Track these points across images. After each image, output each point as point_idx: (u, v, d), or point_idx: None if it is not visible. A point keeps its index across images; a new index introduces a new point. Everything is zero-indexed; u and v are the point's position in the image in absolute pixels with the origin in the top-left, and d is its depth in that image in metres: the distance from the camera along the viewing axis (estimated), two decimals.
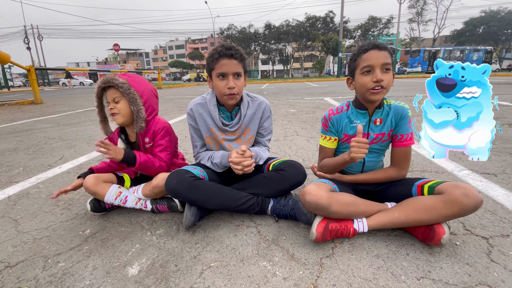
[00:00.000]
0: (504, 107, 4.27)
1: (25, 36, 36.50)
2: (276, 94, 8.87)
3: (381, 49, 1.06)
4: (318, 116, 4.15)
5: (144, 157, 1.29)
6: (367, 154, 1.24)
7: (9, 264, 1.03)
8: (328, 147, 1.26)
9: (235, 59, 1.20)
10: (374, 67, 1.05)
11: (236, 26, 38.90)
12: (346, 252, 1.02)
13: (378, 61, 1.05)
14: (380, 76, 1.04)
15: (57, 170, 2.09)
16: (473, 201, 0.92)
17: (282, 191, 1.30)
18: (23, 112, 6.16)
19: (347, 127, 1.22)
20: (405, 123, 1.16)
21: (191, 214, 1.18)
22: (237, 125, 1.35)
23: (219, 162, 1.30)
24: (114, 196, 1.30)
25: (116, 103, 1.27)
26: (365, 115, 1.19)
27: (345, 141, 1.24)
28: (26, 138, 3.30)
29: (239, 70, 1.22)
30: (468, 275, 0.88)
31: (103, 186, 1.30)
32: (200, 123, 1.35)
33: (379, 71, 1.05)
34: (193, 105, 1.35)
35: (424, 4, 27.00)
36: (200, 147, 1.42)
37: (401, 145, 1.17)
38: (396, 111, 1.17)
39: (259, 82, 21.94)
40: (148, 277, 0.93)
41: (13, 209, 1.48)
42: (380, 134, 1.19)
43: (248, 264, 0.98)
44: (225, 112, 1.35)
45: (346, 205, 1.06)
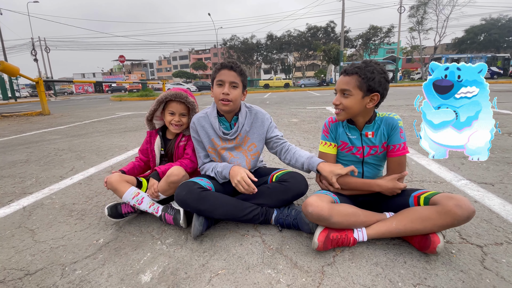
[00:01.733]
0: (505, 115, 4.31)
1: (32, 48, 37.47)
2: (278, 103, 8.99)
3: (347, 75, 1.17)
4: (320, 125, 4.23)
5: (164, 167, 1.48)
6: (365, 167, 1.31)
7: (28, 272, 1.10)
8: (329, 153, 1.33)
9: (234, 71, 1.34)
10: (337, 90, 1.21)
11: (238, 37, 39.67)
12: (347, 260, 1.07)
13: (338, 86, 1.20)
14: (334, 99, 1.20)
15: (69, 181, 2.17)
16: (465, 212, 0.98)
17: (285, 201, 1.36)
18: (32, 123, 6.32)
19: (343, 135, 1.30)
20: (396, 133, 1.22)
21: (199, 224, 1.25)
22: (236, 133, 1.44)
23: (220, 172, 1.39)
24: (132, 196, 1.40)
25: (182, 117, 1.53)
26: (355, 129, 1.27)
27: (343, 149, 1.31)
28: (36, 150, 3.41)
29: (236, 80, 1.34)
30: (462, 281, 0.93)
31: (125, 184, 1.42)
32: (202, 135, 1.45)
33: (339, 95, 1.20)
34: (195, 119, 1.47)
35: (424, 13, 27.37)
36: (204, 157, 1.51)
37: (395, 155, 1.23)
38: (387, 122, 1.24)
39: (261, 91, 22.18)
40: (160, 284, 0.99)
41: (29, 219, 1.56)
42: (375, 146, 1.26)
43: (253, 272, 1.04)
44: (225, 122, 1.46)
45: (346, 215, 1.12)
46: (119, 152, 3.07)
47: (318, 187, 1.36)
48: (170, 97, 1.50)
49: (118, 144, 3.54)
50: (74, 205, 1.71)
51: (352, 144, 1.28)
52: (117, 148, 3.28)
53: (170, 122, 1.53)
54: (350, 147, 1.29)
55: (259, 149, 1.49)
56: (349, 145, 1.29)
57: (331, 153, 1.33)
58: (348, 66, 1.17)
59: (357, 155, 1.29)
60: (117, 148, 3.28)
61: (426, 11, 27.22)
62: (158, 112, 1.59)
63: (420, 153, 2.47)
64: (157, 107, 1.55)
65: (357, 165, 1.31)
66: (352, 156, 1.30)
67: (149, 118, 1.60)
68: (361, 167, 1.31)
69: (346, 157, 1.32)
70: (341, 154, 1.33)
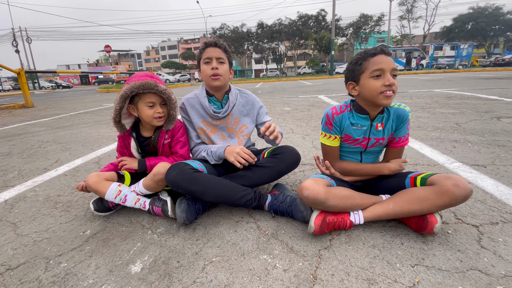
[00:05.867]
0: (493, 101, 4.38)
1: (13, 39, 35.79)
2: (270, 93, 8.90)
3: (388, 55, 1.07)
4: (313, 113, 4.20)
5: (153, 160, 1.37)
6: (364, 155, 1.27)
7: (10, 266, 1.04)
8: (333, 145, 1.25)
9: (219, 48, 1.36)
10: (385, 71, 1.05)
11: (228, 26, 38.77)
12: (344, 244, 1.05)
13: (389, 65, 1.04)
14: (392, 80, 1.04)
15: (54, 173, 2.08)
16: (463, 191, 0.96)
17: (280, 173, 1.34)
18: (14, 116, 6.07)
19: (349, 128, 1.20)
20: (404, 126, 1.18)
21: (180, 211, 1.19)
22: (226, 111, 1.43)
23: (214, 151, 1.37)
24: (114, 195, 1.30)
25: (162, 106, 1.35)
26: (366, 119, 1.18)
27: (345, 141, 1.24)
28: (19, 142, 3.26)
29: (222, 56, 1.36)
30: (459, 261, 0.92)
31: (104, 184, 1.30)
32: (192, 115, 1.44)
33: (389, 75, 1.05)
34: (184, 99, 1.47)
35: (414, 1, 27.40)
36: (195, 138, 1.48)
37: (397, 146, 1.21)
38: (397, 114, 1.17)
39: (253, 81, 21.93)
40: (151, 274, 0.95)
41: (11, 212, 1.48)
42: (381, 138, 1.20)
43: (249, 258, 1.00)
44: (215, 102, 1.45)
45: (342, 198, 1.10)
46: (107, 143, 2.97)
47: (312, 173, 1.33)
48: (136, 89, 1.24)
49: (106, 135, 3.42)
50: (59, 197, 1.63)
51: (356, 137, 1.21)
52: (104, 139, 3.17)
53: (153, 116, 1.31)
54: (354, 140, 1.22)
55: (250, 130, 1.50)
56: (353, 138, 1.21)
57: (335, 145, 1.25)
58: (381, 47, 1.08)
59: (361, 146, 1.23)
60: (104, 139, 3.17)
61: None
62: (124, 109, 1.35)
63: (413, 138, 2.47)
64: (122, 104, 1.29)
65: (355, 155, 1.27)
66: (354, 147, 1.25)
67: (116, 119, 1.34)
68: (359, 156, 1.27)
69: (347, 148, 1.27)
70: (342, 145, 1.27)
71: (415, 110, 3.88)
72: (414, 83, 9.20)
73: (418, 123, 3.06)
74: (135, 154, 1.43)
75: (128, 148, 1.43)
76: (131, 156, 1.44)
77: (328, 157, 1.30)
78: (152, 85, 1.26)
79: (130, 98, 1.32)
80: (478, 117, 3.21)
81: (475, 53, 34.44)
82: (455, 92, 5.79)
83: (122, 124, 1.38)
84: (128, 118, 1.41)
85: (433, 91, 6.26)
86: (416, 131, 2.71)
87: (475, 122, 2.99)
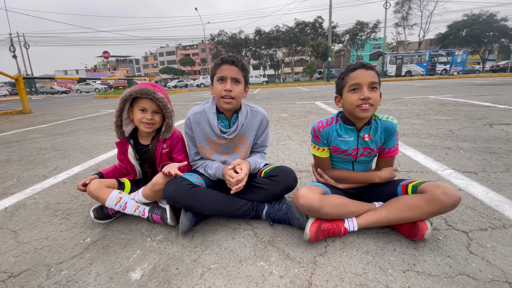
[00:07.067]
0: (486, 107, 4.46)
1: (11, 44, 35.81)
2: (268, 99, 8.98)
3: (368, 69, 1.11)
4: (310, 120, 4.25)
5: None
6: (356, 164, 1.32)
7: (12, 274, 1.06)
8: (323, 156, 1.31)
9: (235, 66, 1.26)
10: (362, 85, 1.10)
11: (226, 32, 39.17)
12: (338, 250, 1.09)
13: (366, 79, 1.10)
14: (367, 94, 1.09)
15: (52, 180, 2.10)
16: (451, 199, 1.00)
17: (275, 196, 1.35)
18: (12, 122, 6.07)
19: (336, 139, 1.25)
20: (393, 138, 1.23)
21: (186, 219, 1.23)
22: (234, 132, 1.38)
23: (213, 174, 1.36)
24: (114, 202, 1.33)
25: (155, 114, 1.37)
26: (353, 130, 1.23)
27: (335, 152, 1.29)
28: (17, 149, 3.27)
29: (238, 76, 1.27)
30: (449, 266, 0.96)
31: (105, 191, 1.34)
32: (196, 132, 1.39)
33: (366, 89, 1.10)
34: (191, 114, 1.39)
35: (409, 9, 27.95)
36: (194, 155, 1.47)
37: (387, 156, 1.26)
38: (385, 126, 1.21)
39: (250, 87, 22.09)
40: (151, 281, 0.97)
41: (11, 220, 1.50)
42: (370, 149, 1.24)
43: (246, 265, 1.03)
44: (224, 120, 1.39)
45: (337, 206, 1.13)
46: (105, 150, 2.99)
47: (308, 181, 1.37)
48: (135, 93, 1.31)
49: (104, 141, 3.45)
50: (58, 205, 1.65)
51: (345, 148, 1.25)
52: (103, 146, 3.19)
53: (141, 120, 1.34)
54: (343, 151, 1.26)
55: (250, 143, 1.47)
56: (341, 149, 1.26)
57: (325, 156, 1.31)
58: (362, 62, 1.14)
59: (351, 156, 1.27)
60: (103, 146, 3.19)
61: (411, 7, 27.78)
62: (125, 114, 1.41)
63: (407, 145, 2.52)
64: (122, 106, 1.36)
65: (347, 164, 1.32)
66: (345, 157, 1.29)
67: (118, 123, 1.39)
68: (351, 165, 1.32)
69: (338, 158, 1.31)
70: (333, 155, 1.32)
71: (410, 117, 3.95)
72: (410, 90, 9.34)
73: (413, 130, 3.12)
74: (133, 161, 1.46)
75: (126, 155, 1.46)
76: (129, 163, 1.47)
77: (320, 166, 1.36)
78: (150, 91, 1.31)
79: (131, 103, 1.38)
80: (471, 124, 3.28)
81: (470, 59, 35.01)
82: (449, 99, 5.89)
83: (122, 130, 1.43)
84: (129, 125, 1.46)
85: (428, 98, 6.36)
86: (411, 138, 2.77)
87: (468, 129, 3.05)
